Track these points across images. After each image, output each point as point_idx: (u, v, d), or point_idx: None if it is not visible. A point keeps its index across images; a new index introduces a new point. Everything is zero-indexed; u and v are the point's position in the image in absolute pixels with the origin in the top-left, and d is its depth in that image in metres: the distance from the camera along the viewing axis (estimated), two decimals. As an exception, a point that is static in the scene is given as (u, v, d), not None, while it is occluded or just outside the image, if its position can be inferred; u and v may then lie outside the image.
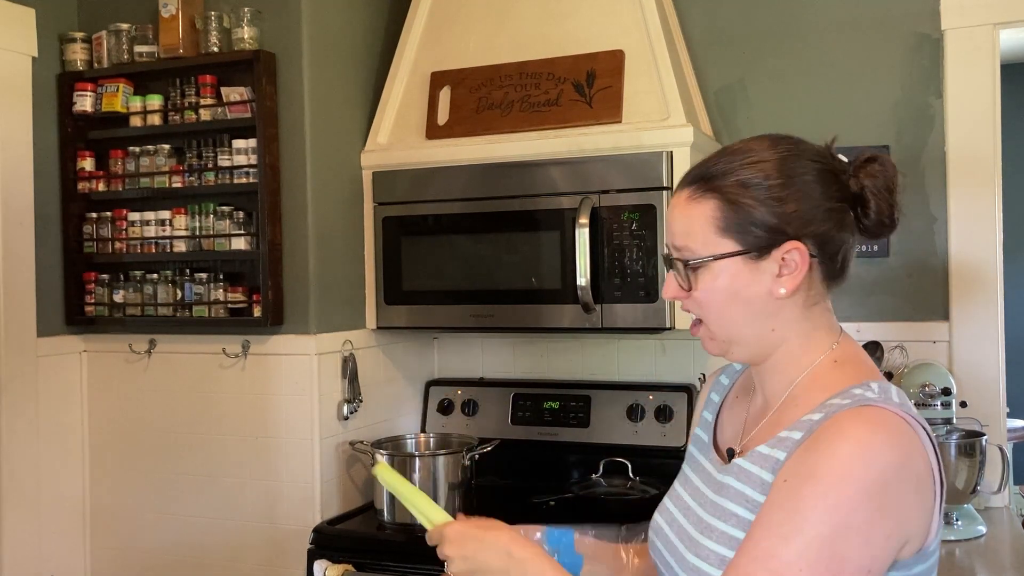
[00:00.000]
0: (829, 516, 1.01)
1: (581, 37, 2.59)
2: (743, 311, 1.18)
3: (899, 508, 1.04)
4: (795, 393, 1.18)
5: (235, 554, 2.68)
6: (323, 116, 2.65)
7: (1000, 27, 2.50)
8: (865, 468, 1.02)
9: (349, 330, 2.73)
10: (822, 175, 1.16)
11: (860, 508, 1.01)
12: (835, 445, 1.04)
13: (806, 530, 1.02)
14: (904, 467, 1.04)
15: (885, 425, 1.05)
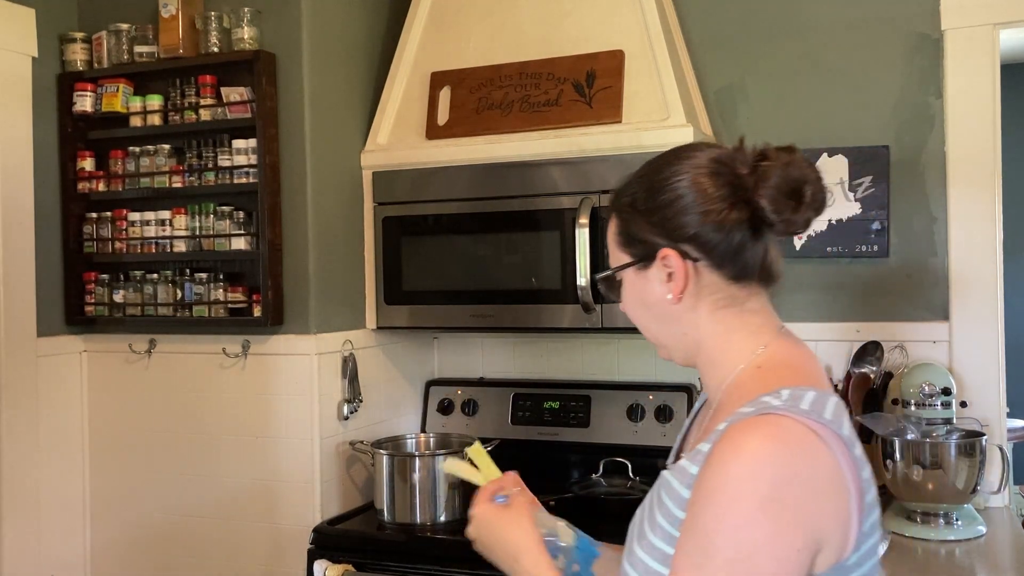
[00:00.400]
0: (732, 538, 0.99)
1: (581, 37, 2.59)
2: (652, 317, 1.23)
3: (804, 518, 1.00)
4: (723, 400, 1.17)
5: (235, 554, 2.68)
6: (323, 116, 2.65)
7: (1000, 27, 2.50)
8: (756, 482, 1.00)
9: (349, 330, 2.73)
10: (704, 180, 1.15)
11: (760, 524, 0.99)
12: (726, 460, 1.02)
13: (714, 556, 1.00)
14: (801, 476, 1.00)
15: (778, 434, 1.02)
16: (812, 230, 2.66)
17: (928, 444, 2.28)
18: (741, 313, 1.19)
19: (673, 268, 1.16)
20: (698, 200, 1.14)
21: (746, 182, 1.13)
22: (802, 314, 2.72)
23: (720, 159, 1.16)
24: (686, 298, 1.18)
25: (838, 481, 1.02)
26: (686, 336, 1.21)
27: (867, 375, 2.50)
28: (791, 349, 1.20)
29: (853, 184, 2.64)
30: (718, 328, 1.19)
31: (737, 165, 1.15)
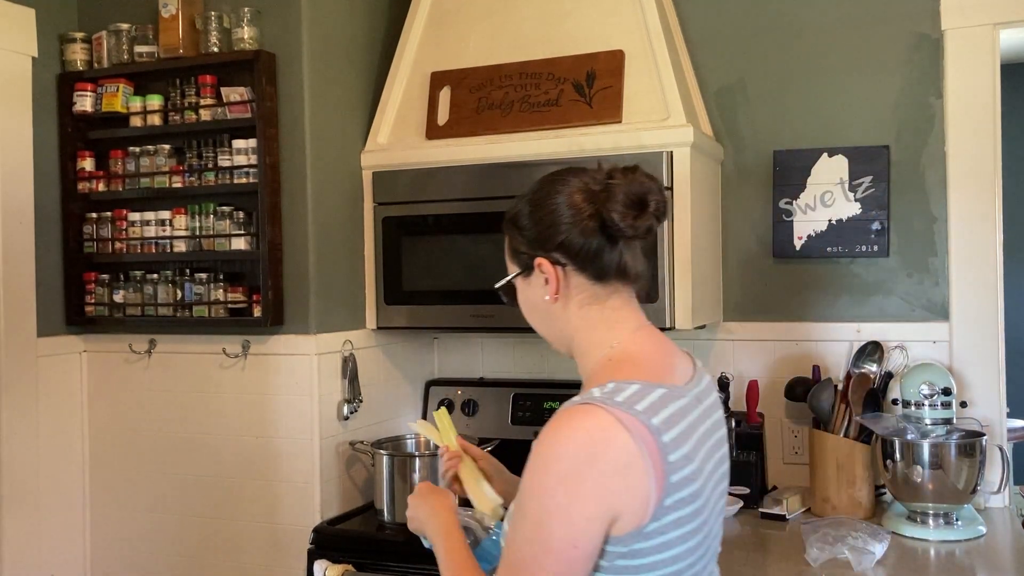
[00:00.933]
0: (536, 503, 1.23)
1: (581, 37, 2.59)
2: (538, 317, 1.46)
3: (598, 492, 1.20)
4: (584, 386, 1.36)
5: (235, 554, 2.68)
6: (323, 116, 2.65)
7: (1000, 27, 2.50)
8: (557, 459, 1.22)
9: (349, 330, 2.73)
10: (574, 196, 1.37)
11: (556, 495, 1.21)
12: (542, 440, 1.24)
13: (525, 516, 1.25)
14: (596, 456, 1.20)
15: (582, 420, 1.22)
16: (812, 230, 2.67)
17: (928, 444, 2.28)
18: (603, 309, 1.40)
19: (547, 273, 1.39)
20: (565, 215, 1.37)
21: (599, 198, 1.35)
22: (802, 314, 2.72)
23: (584, 180, 1.38)
24: (560, 298, 1.40)
25: (635, 463, 1.20)
26: (563, 331, 1.43)
27: (867, 375, 2.50)
28: (643, 344, 1.39)
29: (853, 184, 2.64)
30: (584, 323, 1.40)
31: (592, 184, 1.37)
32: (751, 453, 2.58)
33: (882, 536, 2.09)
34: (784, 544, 2.26)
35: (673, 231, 2.43)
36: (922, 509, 2.29)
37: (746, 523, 2.43)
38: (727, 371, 2.72)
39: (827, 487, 2.44)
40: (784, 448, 2.72)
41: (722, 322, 2.80)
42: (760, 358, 2.75)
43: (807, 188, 2.69)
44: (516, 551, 1.25)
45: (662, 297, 2.41)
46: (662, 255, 2.40)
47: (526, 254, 1.42)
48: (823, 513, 2.44)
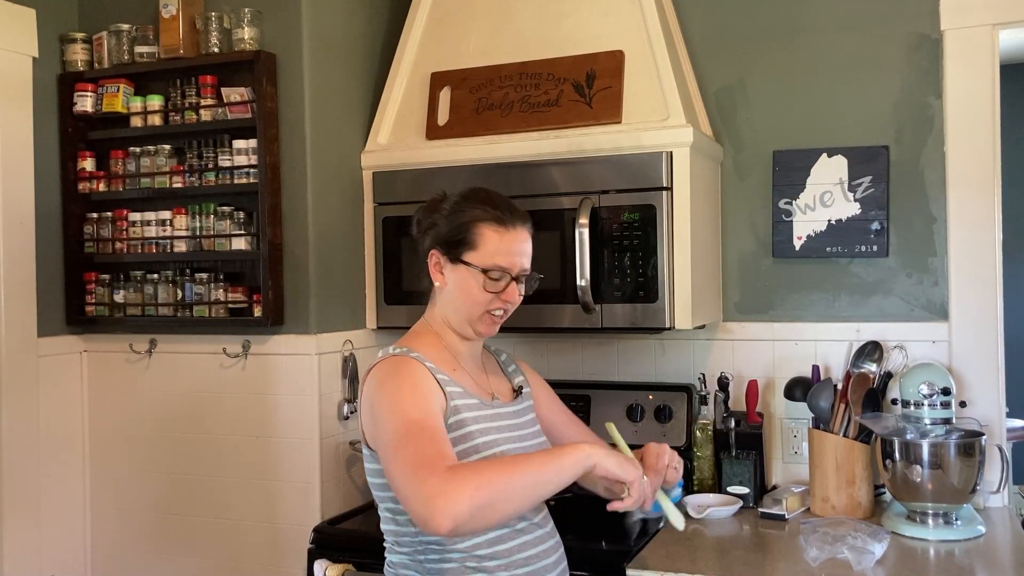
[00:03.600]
0: (383, 405, 1.62)
1: (581, 37, 2.59)
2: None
3: (408, 383, 1.64)
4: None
5: (235, 554, 2.68)
6: (323, 116, 2.65)
7: (1000, 27, 2.50)
8: (374, 380, 1.68)
9: (349, 330, 2.73)
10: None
11: (384, 396, 1.64)
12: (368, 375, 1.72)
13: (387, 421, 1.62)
14: (399, 371, 1.66)
15: (383, 361, 1.71)
16: (812, 230, 2.67)
17: (927, 444, 2.28)
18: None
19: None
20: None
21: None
22: (802, 314, 2.73)
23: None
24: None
25: (427, 376, 1.68)
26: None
27: (867, 375, 2.51)
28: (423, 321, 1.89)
29: (853, 184, 2.64)
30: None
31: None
32: (751, 453, 2.58)
33: (881, 536, 2.09)
34: (784, 544, 2.26)
35: (673, 231, 2.43)
36: (921, 509, 2.29)
37: (746, 523, 2.43)
38: (727, 371, 2.72)
39: (826, 487, 2.44)
40: (784, 448, 2.73)
41: (722, 322, 2.80)
42: (760, 358, 2.75)
43: (807, 188, 2.69)
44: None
45: (662, 297, 2.41)
46: (661, 255, 2.41)
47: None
48: (823, 513, 2.44)
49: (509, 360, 2.04)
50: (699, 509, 2.44)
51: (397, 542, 1.75)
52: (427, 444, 1.52)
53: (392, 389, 1.63)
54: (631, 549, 2.19)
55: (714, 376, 2.71)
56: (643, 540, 2.27)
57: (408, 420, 1.56)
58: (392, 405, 1.60)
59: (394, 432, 1.56)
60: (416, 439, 1.53)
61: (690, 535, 2.34)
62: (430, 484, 1.45)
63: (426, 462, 1.49)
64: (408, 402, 1.60)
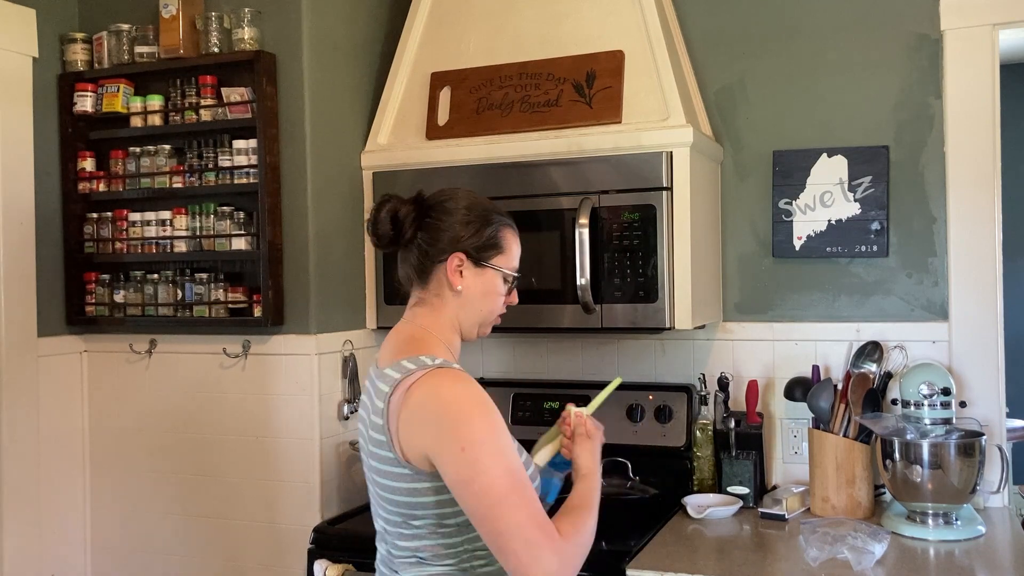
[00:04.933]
0: (482, 444, 1.52)
1: (581, 37, 2.59)
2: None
3: (500, 430, 1.56)
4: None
5: (235, 554, 2.68)
6: (323, 116, 2.65)
7: (1000, 27, 2.50)
8: (463, 405, 1.56)
9: (349, 330, 2.73)
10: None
11: (478, 430, 1.53)
12: (443, 401, 1.57)
13: (482, 457, 1.54)
14: (483, 402, 1.56)
15: (446, 372, 1.62)
16: (812, 230, 2.67)
17: (927, 444, 2.28)
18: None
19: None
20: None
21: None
22: (802, 314, 2.73)
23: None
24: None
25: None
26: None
27: (867, 375, 2.51)
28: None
29: (853, 184, 2.64)
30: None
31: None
32: (751, 453, 2.59)
33: (881, 536, 2.09)
34: (784, 544, 2.26)
35: (673, 231, 2.43)
36: (921, 509, 2.29)
37: (746, 523, 2.43)
38: (727, 371, 2.72)
39: (826, 487, 2.44)
40: (784, 448, 2.73)
41: (722, 322, 2.80)
42: (760, 358, 2.75)
43: (807, 188, 2.69)
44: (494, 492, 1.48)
45: (661, 297, 2.41)
46: (661, 255, 2.41)
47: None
48: (823, 513, 2.44)
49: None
50: (699, 509, 2.44)
51: (437, 555, 1.62)
52: (534, 506, 1.51)
53: (488, 425, 1.52)
54: (631, 549, 2.19)
55: (714, 376, 2.71)
56: (643, 540, 2.27)
57: (512, 472, 1.50)
58: (495, 447, 1.51)
59: (499, 485, 1.49)
60: (524, 500, 1.50)
61: (690, 535, 2.34)
62: (547, 561, 1.48)
63: (542, 535, 1.49)
64: (507, 448, 1.53)
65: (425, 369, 1.58)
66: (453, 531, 1.60)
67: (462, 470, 1.49)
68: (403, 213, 1.68)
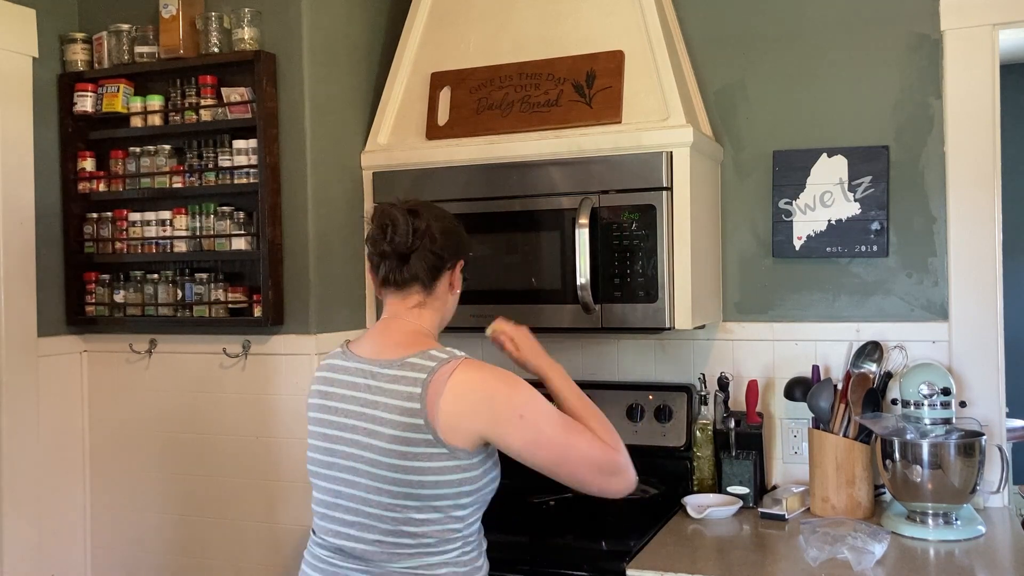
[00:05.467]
0: (535, 407, 1.75)
1: (581, 37, 2.59)
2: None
3: (535, 391, 1.78)
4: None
5: (235, 554, 2.68)
6: (323, 116, 2.65)
7: (1000, 27, 2.50)
8: (503, 383, 1.75)
9: (349, 330, 2.73)
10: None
11: (525, 398, 1.75)
12: (494, 383, 1.75)
13: (543, 420, 1.78)
14: (510, 375, 1.76)
15: (470, 361, 1.75)
16: (812, 230, 2.67)
17: (927, 444, 2.28)
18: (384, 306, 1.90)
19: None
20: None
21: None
22: (802, 314, 2.73)
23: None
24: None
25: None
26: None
27: (867, 375, 2.51)
28: (369, 329, 1.95)
29: (853, 184, 2.64)
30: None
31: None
32: (751, 453, 2.59)
33: (881, 536, 2.10)
34: (784, 544, 2.26)
35: (673, 231, 2.43)
36: (921, 509, 2.29)
37: (746, 523, 2.43)
38: (727, 371, 2.72)
39: (826, 487, 2.44)
40: (783, 448, 2.73)
41: (722, 322, 2.80)
42: (760, 358, 2.75)
43: (807, 188, 2.69)
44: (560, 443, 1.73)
45: (661, 297, 2.41)
46: (661, 255, 2.41)
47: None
48: (823, 513, 2.44)
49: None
50: (699, 509, 2.44)
51: (445, 539, 1.74)
52: (586, 434, 1.75)
53: (528, 391, 1.74)
54: (631, 549, 2.19)
55: (714, 376, 2.71)
56: (643, 540, 2.27)
57: (560, 418, 1.76)
58: (541, 406, 1.74)
59: (559, 434, 1.73)
60: (579, 434, 1.75)
61: (690, 535, 2.34)
62: (620, 467, 1.75)
63: (603, 454, 1.74)
64: (545, 402, 1.77)
65: (457, 359, 1.73)
66: (464, 515, 1.75)
67: (527, 434, 1.70)
68: (417, 223, 1.81)
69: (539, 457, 1.71)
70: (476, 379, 1.72)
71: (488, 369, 1.75)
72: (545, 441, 1.71)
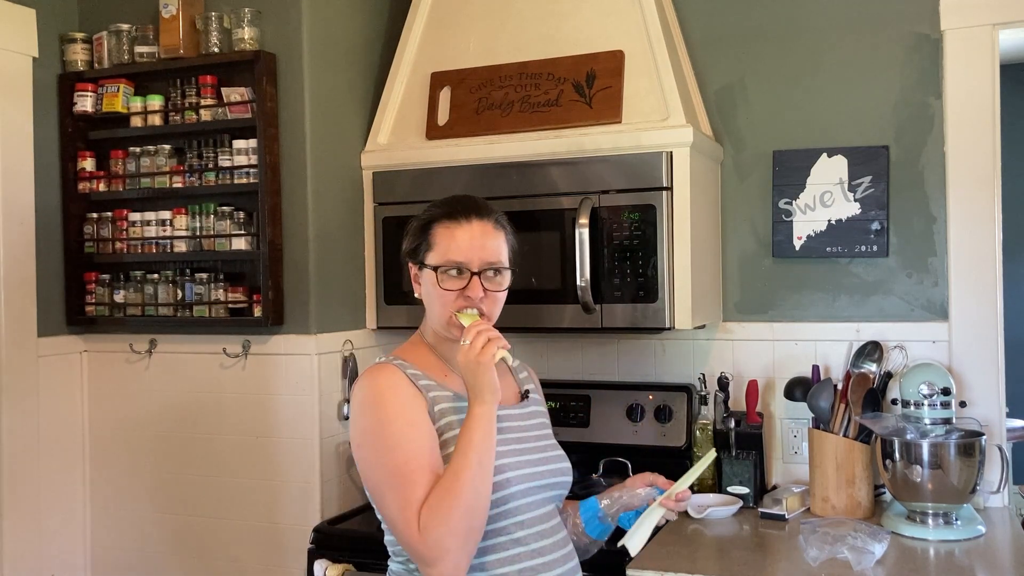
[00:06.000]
0: (366, 441, 1.62)
1: (581, 37, 2.59)
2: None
3: (387, 425, 1.61)
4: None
5: (235, 554, 2.68)
6: (323, 116, 2.65)
7: (1000, 27, 2.50)
8: (360, 406, 1.66)
9: (349, 330, 2.73)
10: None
11: (366, 431, 1.63)
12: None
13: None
14: (375, 401, 1.63)
15: (365, 373, 1.70)
16: (812, 230, 2.67)
17: (927, 444, 2.28)
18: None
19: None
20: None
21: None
22: (802, 314, 2.73)
23: None
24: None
25: (405, 386, 1.66)
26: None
27: (867, 375, 2.51)
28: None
29: (853, 184, 2.64)
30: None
31: None
32: (751, 453, 2.59)
33: (881, 536, 2.09)
34: (784, 544, 2.26)
35: (673, 231, 2.43)
36: (921, 509, 2.29)
37: (746, 523, 2.43)
38: (727, 371, 2.72)
39: (826, 487, 2.44)
40: (784, 448, 2.73)
41: (722, 322, 2.80)
42: (760, 358, 2.75)
43: (807, 188, 2.69)
44: None
45: (661, 297, 2.41)
46: (661, 255, 2.41)
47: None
48: (823, 513, 2.44)
49: (521, 367, 1.99)
50: (699, 509, 2.44)
51: (394, 551, 1.73)
52: (414, 487, 1.55)
53: (376, 420, 1.61)
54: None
55: (714, 376, 2.71)
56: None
57: (390, 467, 1.58)
58: (377, 443, 1.60)
59: (376, 479, 1.60)
60: (405, 486, 1.56)
61: (690, 535, 2.34)
62: (415, 549, 1.54)
63: (411, 511, 1.54)
64: (393, 440, 1.59)
65: (370, 367, 1.72)
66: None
67: (359, 465, 1.65)
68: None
69: (366, 488, 1.66)
70: (355, 392, 1.69)
71: (364, 385, 1.67)
72: (368, 483, 1.64)
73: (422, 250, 1.76)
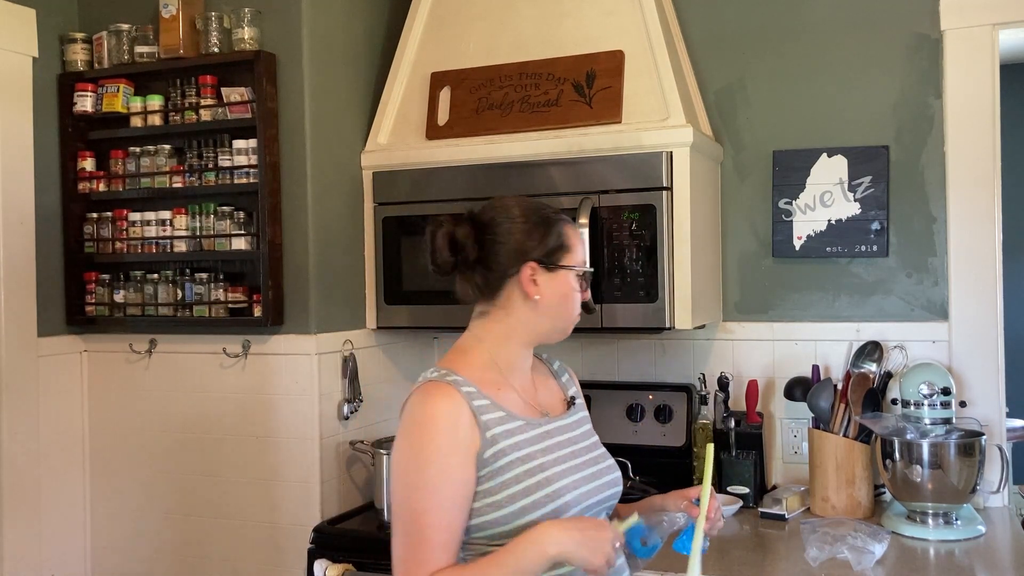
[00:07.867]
0: (404, 467, 1.54)
1: (581, 37, 2.59)
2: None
3: (425, 459, 1.52)
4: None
5: (235, 554, 2.68)
6: (323, 116, 2.65)
7: (1000, 27, 2.50)
8: (407, 427, 1.56)
9: (349, 330, 2.73)
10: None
11: (407, 456, 1.54)
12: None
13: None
14: (424, 426, 1.54)
15: (419, 389, 1.59)
16: (812, 230, 2.67)
17: (927, 444, 2.28)
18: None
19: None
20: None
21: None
22: (802, 314, 2.73)
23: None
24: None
25: (459, 420, 1.55)
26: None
27: (867, 375, 2.51)
28: (465, 336, 1.76)
29: (853, 184, 2.64)
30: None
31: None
32: (751, 453, 2.59)
33: (881, 536, 2.10)
34: (784, 544, 2.26)
35: (673, 231, 2.43)
36: (921, 509, 2.29)
37: (746, 523, 2.43)
38: (727, 371, 2.72)
39: (826, 487, 2.44)
40: (784, 448, 2.73)
41: (722, 322, 2.80)
42: (760, 358, 2.75)
43: (807, 188, 2.69)
44: None
45: (661, 297, 2.41)
46: (661, 255, 2.41)
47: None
48: (823, 513, 2.44)
49: (562, 369, 1.92)
50: (699, 509, 2.43)
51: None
52: (424, 543, 1.51)
53: (416, 454, 1.53)
54: (631, 549, 2.19)
55: (714, 376, 2.71)
56: (643, 540, 2.26)
57: (414, 512, 1.52)
58: (412, 479, 1.53)
59: (400, 513, 1.54)
60: (417, 535, 1.51)
61: (690, 535, 2.33)
62: None
63: (414, 564, 1.50)
64: (426, 482, 1.52)
65: (421, 383, 1.61)
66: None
67: (391, 473, 1.59)
68: (461, 235, 1.64)
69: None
70: (405, 410, 1.59)
71: (418, 402, 1.57)
72: (391, 499, 1.58)
73: (560, 251, 1.67)
